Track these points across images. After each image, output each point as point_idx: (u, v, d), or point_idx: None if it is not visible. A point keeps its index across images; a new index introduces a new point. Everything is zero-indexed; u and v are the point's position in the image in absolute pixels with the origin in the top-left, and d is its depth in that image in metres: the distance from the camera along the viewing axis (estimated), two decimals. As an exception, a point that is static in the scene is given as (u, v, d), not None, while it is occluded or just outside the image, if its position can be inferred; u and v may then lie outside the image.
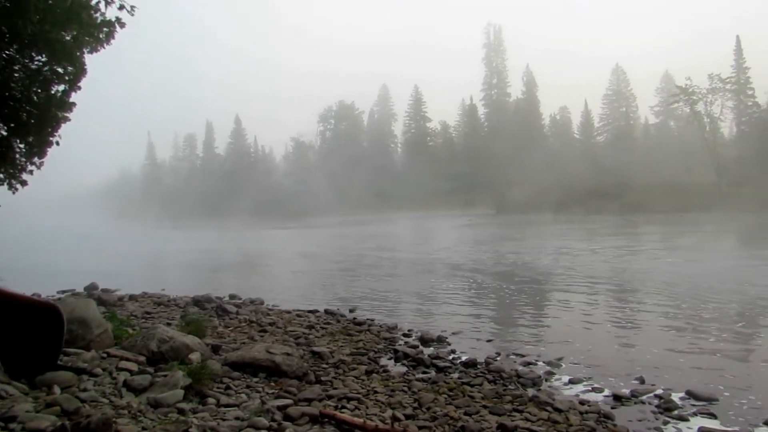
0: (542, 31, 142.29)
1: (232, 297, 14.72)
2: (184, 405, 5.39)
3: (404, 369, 7.95)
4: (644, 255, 22.51)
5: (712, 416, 6.08)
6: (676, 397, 6.64)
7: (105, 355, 6.38)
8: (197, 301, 12.84)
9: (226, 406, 5.65)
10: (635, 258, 21.49)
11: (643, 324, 10.83)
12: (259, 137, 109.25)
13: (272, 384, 6.66)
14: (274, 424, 5.23)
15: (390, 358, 8.55)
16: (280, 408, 5.68)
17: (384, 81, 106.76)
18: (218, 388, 6.18)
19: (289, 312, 12.20)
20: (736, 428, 5.70)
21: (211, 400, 5.75)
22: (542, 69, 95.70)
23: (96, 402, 5.08)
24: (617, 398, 6.68)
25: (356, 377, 7.30)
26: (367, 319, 11.51)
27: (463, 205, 71.91)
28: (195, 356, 6.71)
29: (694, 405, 6.41)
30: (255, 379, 6.72)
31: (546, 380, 7.46)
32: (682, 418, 6.03)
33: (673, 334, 9.82)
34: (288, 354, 7.30)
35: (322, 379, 7.06)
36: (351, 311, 12.70)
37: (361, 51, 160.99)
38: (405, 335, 10.21)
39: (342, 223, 61.32)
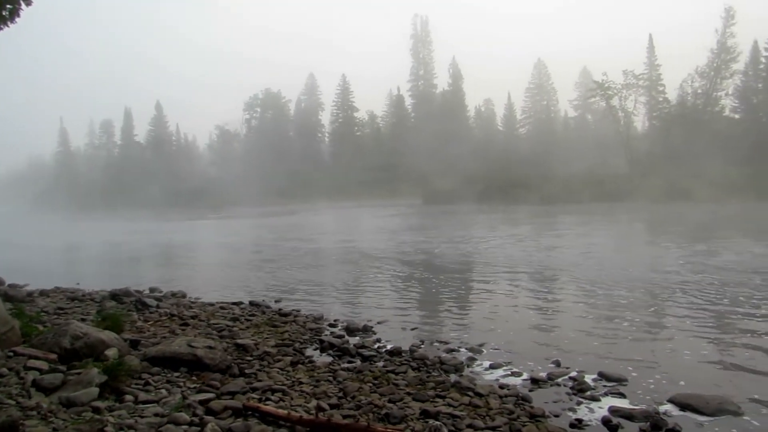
0: (469, 22, 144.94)
1: (152, 290, 14.25)
2: (99, 403, 5.19)
3: (330, 359, 7.97)
4: (562, 243, 23.42)
5: (622, 396, 6.43)
6: (589, 378, 6.98)
7: (11, 353, 6.05)
8: (115, 295, 12.36)
9: (145, 402, 5.49)
10: (554, 246, 22.33)
11: (560, 310, 11.30)
12: (182, 125, 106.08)
13: (194, 378, 6.52)
14: (196, 419, 5.13)
15: (316, 349, 8.55)
16: (202, 402, 5.57)
17: (312, 70, 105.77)
18: (137, 384, 5.99)
19: (212, 304, 11.95)
20: (643, 406, 6.03)
21: (128, 397, 5.57)
22: (468, 61, 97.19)
23: (1, 404, 4.81)
24: (535, 381, 6.95)
25: (281, 369, 7.25)
26: (293, 310, 11.44)
27: (390, 195, 72.45)
28: (112, 352, 6.47)
29: (605, 386, 6.76)
30: (176, 374, 6.55)
31: (468, 366, 7.67)
32: (594, 399, 6.34)
33: (588, 319, 10.29)
34: (211, 347, 7.16)
35: (247, 371, 6.97)
36: (276, 302, 12.59)
37: (290, 40, 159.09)
38: (331, 325, 10.23)
39: (268, 213, 60.40)
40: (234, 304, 12.08)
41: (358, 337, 9.30)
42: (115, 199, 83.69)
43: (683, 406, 5.99)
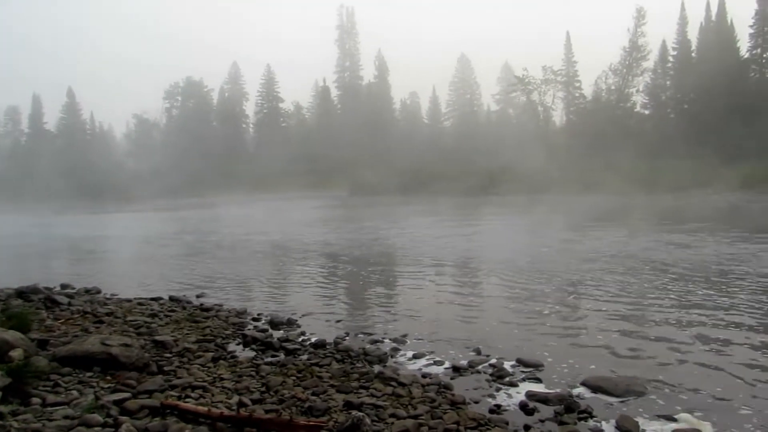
0: (395, 15, 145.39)
1: (63, 287, 13.56)
2: (2, 408, 4.89)
3: (253, 354, 7.85)
4: (484, 234, 24.05)
5: (538, 381, 6.67)
6: (507, 365, 7.21)
7: None
8: (21, 293, 11.64)
9: (54, 405, 5.22)
10: (476, 237, 22.89)
11: (482, 299, 11.60)
12: (97, 113, 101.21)
13: (108, 378, 6.25)
14: (110, 420, 4.93)
15: (238, 344, 8.40)
16: (116, 402, 5.36)
17: (235, 59, 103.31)
18: (45, 386, 5.69)
19: (129, 300, 11.51)
20: (558, 390, 6.28)
21: (35, 399, 5.28)
22: (394, 54, 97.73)
23: None
24: (456, 369, 7.11)
25: (202, 365, 7.08)
26: (216, 305, 11.19)
27: (315, 186, 72.04)
28: (17, 353, 6.10)
29: (523, 371, 7.00)
30: (89, 374, 6.26)
31: (392, 356, 7.75)
32: (512, 384, 6.56)
33: (508, 307, 10.61)
34: (127, 345, 6.89)
35: (165, 369, 6.76)
36: (198, 297, 12.27)
37: (212, 25, 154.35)
38: (254, 319, 10.09)
39: (189, 205, 58.77)
40: (153, 299, 11.68)
41: (282, 331, 9.21)
42: (21, 190, 78.77)
43: (595, 389, 6.29)
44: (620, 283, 12.31)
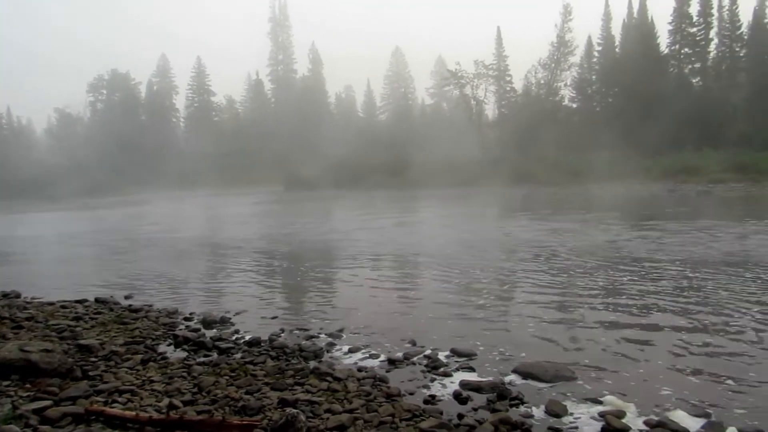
0: (329, 6, 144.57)
1: (-21, 291, 12.81)
2: None
3: (185, 354, 7.64)
4: (419, 226, 24.30)
5: (472, 370, 6.79)
6: (442, 355, 7.30)
7: None
8: (-68, 299, 10.95)
9: (-34, 417, 4.92)
10: (412, 229, 23.10)
11: (418, 290, 11.72)
12: (14, 107, 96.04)
13: (28, 386, 5.94)
14: (29, 430, 4.69)
15: (169, 344, 8.16)
16: (36, 411, 5.10)
17: (163, 51, 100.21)
18: (-44, 397, 5.36)
19: (51, 304, 10.97)
20: (491, 378, 6.41)
21: (-55, 412, 4.96)
22: (328, 48, 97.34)
23: None
24: (391, 362, 7.15)
25: (130, 368, 6.83)
26: (145, 305, 10.83)
27: (250, 182, 70.90)
28: (-76, 364, 5.72)
29: (457, 361, 7.10)
30: (6, 383, 5.93)
31: (327, 351, 7.71)
32: (447, 374, 6.65)
33: (444, 298, 10.76)
34: (48, 350, 6.57)
35: (91, 373, 6.48)
36: (126, 298, 11.83)
37: (140, 14, 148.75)
38: (186, 319, 9.82)
39: (117, 203, 56.67)
40: (77, 302, 11.17)
41: (215, 330, 9.01)
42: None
43: (525, 375, 6.46)
44: (550, 272, 12.69)
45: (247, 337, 8.39)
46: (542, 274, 12.57)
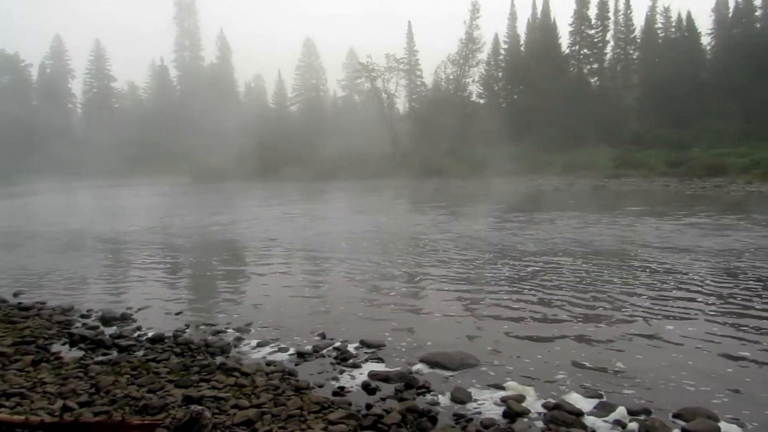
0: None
1: None
2: None
3: (81, 353, 7.27)
4: (331, 219, 24.23)
5: (380, 360, 6.88)
6: (351, 347, 7.35)
7: None
8: None
9: None
10: (323, 222, 23.01)
11: (328, 283, 11.72)
12: None
13: None
14: None
15: (64, 344, 7.73)
16: None
17: (57, 32, 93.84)
18: None
19: (-72, 303, 10.10)
20: (399, 368, 6.52)
21: None
22: (237, 36, 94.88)
23: None
24: (300, 355, 7.12)
25: (20, 370, 6.42)
26: (37, 303, 10.17)
27: (155, 173, 68.05)
28: None
29: (366, 353, 7.17)
30: None
31: (235, 347, 7.57)
32: (356, 366, 6.70)
33: (354, 290, 10.82)
34: (-76, 353, 6.05)
35: (-26, 377, 6.04)
36: (15, 295, 11.06)
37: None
38: (83, 316, 9.32)
39: (4, 194, 52.74)
40: (-41, 301, 10.36)
41: (115, 327, 8.61)
42: None
43: (432, 364, 6.62)
44: (457, 264, 13.05)
45: (150, 334, 8.09)
46: (449, 265, 12.89)
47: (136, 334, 8.18)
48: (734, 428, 4.90)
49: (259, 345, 7.60)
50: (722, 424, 4.92)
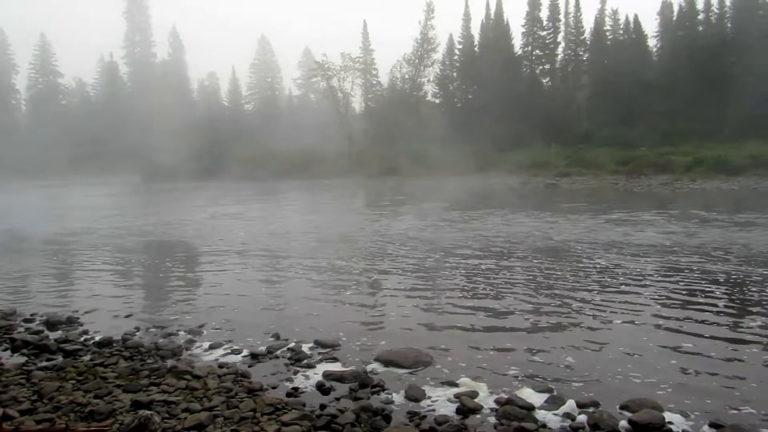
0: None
1: None
2: None
3: (24, 359, 7.01)
4: (286, 218, 24.03)
5: (335, 360, 6.86)
6: (305, 347, 7.30)
7: None
8: None
9: None
10: (278, 222, 22.80)
11: (282, 283, 11.60)
12: None
13: None
14: None
15: (5, 349, 7.44)
16: None
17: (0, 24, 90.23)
18: None
19: None
20: (353, 367, 6.51)
21: None
22: (190, 31, 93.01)
23: None
24: (254, 356, 7.03)
25: (-44, 378, 6.15)
26: (-24, 307, 9.77)
27: (104, 172, 66.10)
28: None
29: (320, 353, 7.14)
30: None
31: (187, 349, 7.42)
32: (310, 366, 6.66)
33: (308, 290, 10.74)
34: None
35: None
36: (-47, 301, 10.62)
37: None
38: (27, 321, 8.99)
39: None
40: None
41: (60, 331, 8.33)
42: None
43: (387, 363, 6.64)
44: (411, 262, 13.12)
45: (98, 338, 7.86)
46: (403, 264, 12.95)
47: (82, 338, 7.93)
48: (678, 418, 5.06)
49: (211, 347, 7.47)
50: (666, 414, 5.07)
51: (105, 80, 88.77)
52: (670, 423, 4.94)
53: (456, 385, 5.96)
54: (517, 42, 66.99)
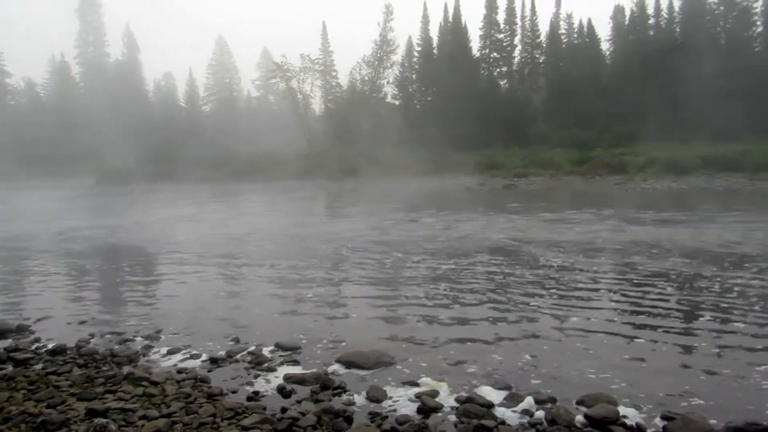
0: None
1: None
2: None
3: (-29, 370, 6.76)
4: (245, 220, 23.78)
5: (296, 363, 6.82)
6: (266, 351, 7.24)
7: None
8: None
9: None
10: (237, 224, 22.54)
11: (243, 286, 11.48)
12: None
13: None
14: None
15: (-49, 360, 7.16)
16: None
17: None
18: None
19: None
20: (315, 370, 6.49)
21: None
22: (146, 31, 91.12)
23: None
24: (214, 361, 6.94)
25: None
26: None
27: (56, 174, 64.21)
28: None
29: (281, 356, 7.09)
30: None
31: (144, 355, 7.28)
32: (271, 369, 6.61)
33: (268, 293, 10.65)
34: None
35: None
36: None
37: None
38: (-27, 330, 8.67)
39: None
40: None
41: (10, 340, 8.06)
42: None
43: (348, 364, 6.64)
44: (372, 263, 13.14)
45: (50, 346, 7.64)
46: (363, 265, 12.97)
47: (34, 347, 7.70)
48: (631, 411, 5.21)
49: (169, 352, 7.34)
50: (621, 408, 5.21)
51: (56, 80, 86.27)
52: (624, 416, 5.08)
53: (417, 385, 6.00)
54: (475, 45, 67.93)
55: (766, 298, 9.06)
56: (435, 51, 69.45)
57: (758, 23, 55.81)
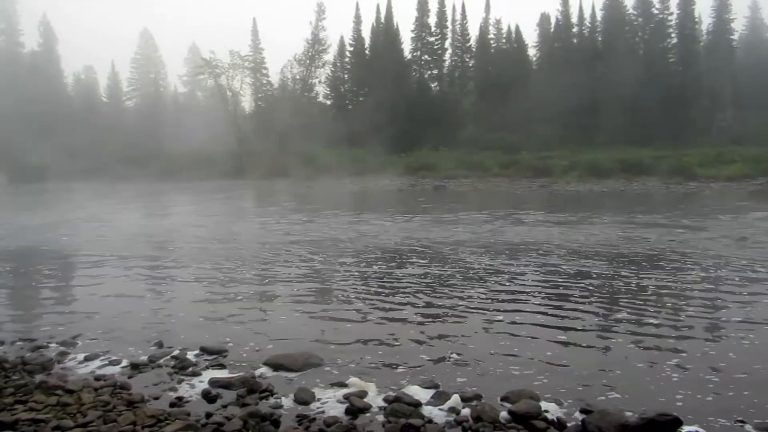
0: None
1: None
2: None
3: None
4: (171, 221, 23.09)
5: (222, 367, 6.65)
6: (191, 355, 7.03)
7: None
8: None
9: None
10: (161, 224, 21.85)
11: (166, 289, 11.11)
12: None
13: None
14: None
15: None
16: None
17: None
18: None
19: None
20: (241, 373, 6.36)
21: None
22: (64, 21, 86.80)
23: None
24: (135, 367, 6.67)
25: None
26: None
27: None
28: None
29: (207, 360, 6.90)
30: None
31: (59, 362, 6.91)
32: (196, 374, 6.42)
33: (193, 295, 10.34)
34: None
35: None
36: None
37: None
38: None
39: None
40: None
41: None
42: None
43: (276, 367, 6.54)
44: (301, 264, 13.03)
45: (-46, 355, 7.14)
46: (291, 267, 12.84)
47: (-65, 356, 7.18)
48: (553, 406, 5.38)
49: (87, 359, 7.01)
50: (543, 403, 5.37)
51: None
52: (546, 411, 5.24)
53: (345, 386, 5.98)
54: (407, 47, 68.54)
55: (675, 296, 9.59)
56: (367, 51, 69.65)
57: (673, 35, 59.08)
